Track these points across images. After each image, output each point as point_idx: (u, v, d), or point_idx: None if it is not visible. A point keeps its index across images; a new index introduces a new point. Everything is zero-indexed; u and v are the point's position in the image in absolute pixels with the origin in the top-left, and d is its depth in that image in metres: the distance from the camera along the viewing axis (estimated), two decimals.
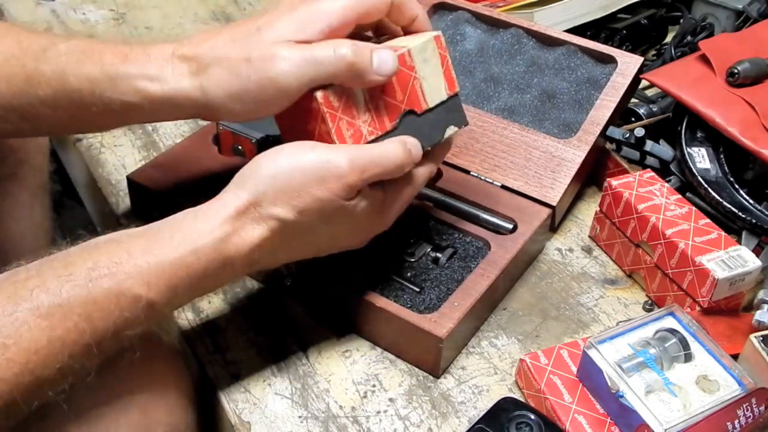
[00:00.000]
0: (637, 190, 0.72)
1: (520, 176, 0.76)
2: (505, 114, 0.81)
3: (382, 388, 0.63)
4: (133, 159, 0.85)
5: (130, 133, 0.89)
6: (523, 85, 0.83)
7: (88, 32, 1.05)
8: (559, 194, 0.75)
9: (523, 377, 0.62)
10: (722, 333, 0.65)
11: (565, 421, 0.57)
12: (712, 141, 0.78)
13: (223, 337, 0.66)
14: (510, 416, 0.57)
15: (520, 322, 0.69)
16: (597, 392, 0.59)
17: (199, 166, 0.77)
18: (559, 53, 0.84)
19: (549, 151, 0.77)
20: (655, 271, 0.70)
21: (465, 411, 0.61)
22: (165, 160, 0.78)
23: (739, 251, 0.66)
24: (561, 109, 0.81)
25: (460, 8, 0.89)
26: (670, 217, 0.69)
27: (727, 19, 1.03)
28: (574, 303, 0.71)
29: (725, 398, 0.56)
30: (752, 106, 0.76)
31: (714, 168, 0.76)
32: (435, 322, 0.61)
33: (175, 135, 0.88)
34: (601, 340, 0.59)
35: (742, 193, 0.74)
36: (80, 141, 0.88)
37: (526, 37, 0.86)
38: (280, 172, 0.54)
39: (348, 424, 0.60)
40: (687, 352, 0.59)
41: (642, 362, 0.57)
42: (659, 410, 0.55)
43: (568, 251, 0.77)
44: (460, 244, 0.71)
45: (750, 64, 0.78)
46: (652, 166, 0.80)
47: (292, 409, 0.61)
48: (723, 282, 0.64)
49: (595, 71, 0.82)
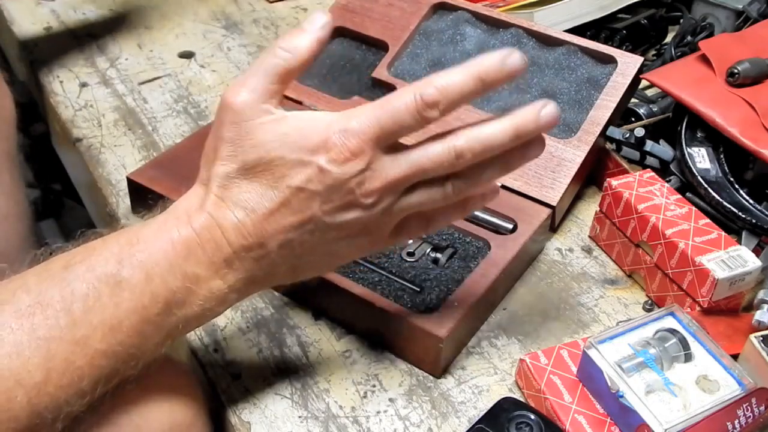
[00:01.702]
0: (637, 190, 0.72)
1: (520, 176, 0.76)
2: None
3: (382, 388, 0.63)
4: (133, 159, 0.85)
5: (130, 133, 0.89)
6: (523, 85, 0.83)
7: (88, 32, 1.05)
8: (559, 194, 0.75)
9: (523, 377, 0.62)
10: (722, 333, 0.65)
11: (565, 421, 0.57)
12: (712, 141, 0.78)
13: (223, 337, 0.66)
14: (510, 416, 0.57)
15: (520, 322, 0.69)
16: (597, 392, 0.59)
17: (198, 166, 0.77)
18: (559, 53, 0.84)
19: (549, 151, 0.77)
20: (655, 271, 0.70)
21: (465, 411, 0.61)
22: (165, 160, 0.78)
23: (739, 251, 0.66)
24: (561, 109, 0.81)
25: (460, 8, 0.89)
26: (670, 217, 0.69)
27: (727, 19, 1.03)
28: (574, 303, 0.71)
29: (725, 398, 0.56)
30: (752, 106, 0.76)
31: (714, 168, 0.76)
32: (435, 322, 0.61)
33: (175, 135, 0.88)
34: (601, 340, 0.59)
35: (742, 193, 0.74)
36: (80, 141, 0.88)
37: (526, 37, 0.86)
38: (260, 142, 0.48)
39: (348, 424, 0.60)
40: (687, 352, 0.59)
41: (642, 362, 0.58)
42: (659, 410, 0.55)
43: (568, 251, 0.77)
44: (460, 244, 0.71)
45: (750, 64, 0.78)
46: (652, 166, 0.80)
47: (292, 409, 0.61)
48: (723, 282, 0.64)
49: (595, 71, 0.82)
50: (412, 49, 0.88)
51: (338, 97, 0.86)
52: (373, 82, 0.87)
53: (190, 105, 0.93)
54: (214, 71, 0.99)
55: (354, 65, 0.90)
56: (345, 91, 0.88)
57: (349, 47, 0.91)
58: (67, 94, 0.95)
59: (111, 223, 0.80)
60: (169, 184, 0.74)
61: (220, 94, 0.93)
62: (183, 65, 1.00)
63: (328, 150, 0.47)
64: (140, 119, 0.91)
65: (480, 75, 0.47)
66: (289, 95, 0.87)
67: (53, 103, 0.94)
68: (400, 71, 0.86)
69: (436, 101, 0.47)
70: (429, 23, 0.89)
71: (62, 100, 0.94)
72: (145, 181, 0.75)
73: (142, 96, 0.94)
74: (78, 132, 0.89)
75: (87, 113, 0.92)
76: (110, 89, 0.96)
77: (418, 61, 0.87)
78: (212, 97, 0.95)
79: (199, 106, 0.93)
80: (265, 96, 0.49)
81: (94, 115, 0.91)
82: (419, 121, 0.47)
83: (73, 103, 0.93)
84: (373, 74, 0.86)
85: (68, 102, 0.93)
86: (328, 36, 0.51)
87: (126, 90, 0.95)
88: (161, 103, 0.93)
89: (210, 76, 0.99)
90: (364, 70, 0.89)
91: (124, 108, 0.92)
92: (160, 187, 0.74)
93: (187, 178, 0.75)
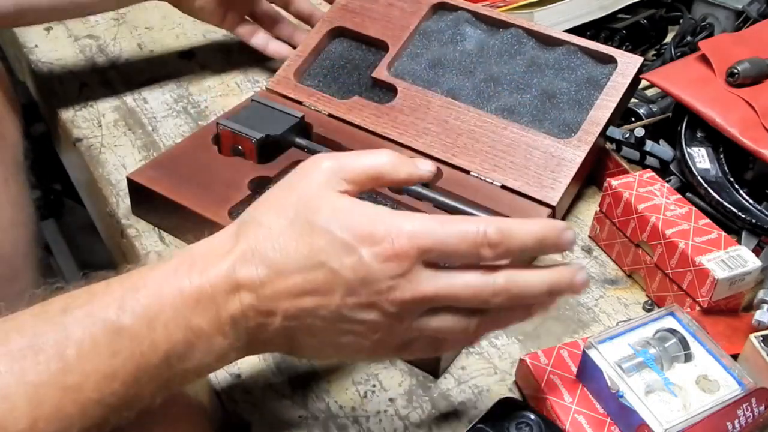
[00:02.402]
0: (637, 190, 0.72)
1: (520, 176, 0.76)
2: (505, 114, 0.81)
3: (382, 388, 0.63)
4: (133, 159, 0.85)
5: (130, 133, 0.89)
6: (523, 85, 0.83)
7: (88, 32, 1.05)
8: (559, 194, 0.75)
9: (523, 377, 0.62)
10: (722, 333, 0.65)
11: (565, 421, 0.57)
12: (712, 141, 0.78)
13: None
14: (510, 416, 0.57)
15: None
16: (597, 392, 0.59)
17: (198, 166, 0.77)
18: (559, 53, 0.84)
19: (549, 151, 0.77)
20: (655, 271, 0.70)
21: (465, 411, 0.61)
22: (165, 160, 0.78)
23: (739, 251, 0.66)
24: (561, 109, 0.81)
25: (460, 8, 0.89)
26: (670, 217, 0.69)
27: (727, 19, 1.03)
28: (574, 303, 0.71)
29: (725, 398, 0.56)
30: (752, 106, 0.76)
31: (714, 168, 0.76)
32: None
33: (175, 135, 0.88)
34: (601, 340, 0.59)
35: (742, 193, 0.74)
36: (80, 141, 0.88)
37: (526, 37, 0.86)
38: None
39: (348, 424, 0.60)
40: (687, 352, 0.59)
41: (642, 362, 0.58)
42: (659, 410, 0.55)
43: (568, 251, 0.77)
44: None
45: (750, 64, 0.78)
46: (652, 166, 0.80)
47: (292, 409, 0.61)
48: (723, 282, 0.64)
49: (595, 71, 0.82)
50: (412, 49, 0.88)
51: (338, 97, 0.86)
52: (373, 82, 0.87)
53: (190, 105, 0.93)
54: (214, 71, 0.99)
55: (354, 65, 0.90)
56: (345, 91, 0.88)
57: (349, 47, 0.91)
58: (67, 94, 0.95)
59: (111, 223, 0.80)
60: (169, 184, 0.74)
61: (220, 94, 0.94)
62: (183, 65, 1.00)
63: (375, 243, 0.46)
64: (140, 119, 0.91)
65: (540, 237, 0.48)
66: (289, 95, 0.87)
67: (53, 103, 0.94)
68: (400, 71, 0.86)
69: (496, 243, 0.47)
70: (429, 23, 0.89)
71: (62, 100, 0.94)
72: (145, 181, 0.75)
73: (142, 96, 0.94)
74: (78, 132, 0.89)
75: (87, 113, 0.92)
76: (110, 89, 0.95)
77: (418, 61, 0.87)
78: (212, 97, 0.95)
79: (199, 106, 0.93)
80: (349, 182, 0.49)
81: (94, 115, 0.91)
82: (471, 253, 0.47)
83: (73, 103, 0.93)
84: (373, 74, 0.86)
85: (68, 102, 0.93)
86: (429, 179, 0.51)
87: (126, 90, 0.95)
88: (161, 103, 0.93)
89: (210, 76, 0.98)
90: (364, 70, 0.89)
91: (124, 108, 0.92)
92: (160, 187, 0.74)
93: (187, 178, 0.76)
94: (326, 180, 0.48)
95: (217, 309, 0.47)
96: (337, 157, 0.50)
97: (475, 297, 0.48)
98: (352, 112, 0.84)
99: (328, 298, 0.47)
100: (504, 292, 0.48)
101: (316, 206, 0.47)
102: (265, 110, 0.83)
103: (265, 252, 0.47)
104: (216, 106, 0.93)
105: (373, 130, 0.83)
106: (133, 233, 0.76)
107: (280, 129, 0.80)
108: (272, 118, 0.81)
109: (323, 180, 0.48)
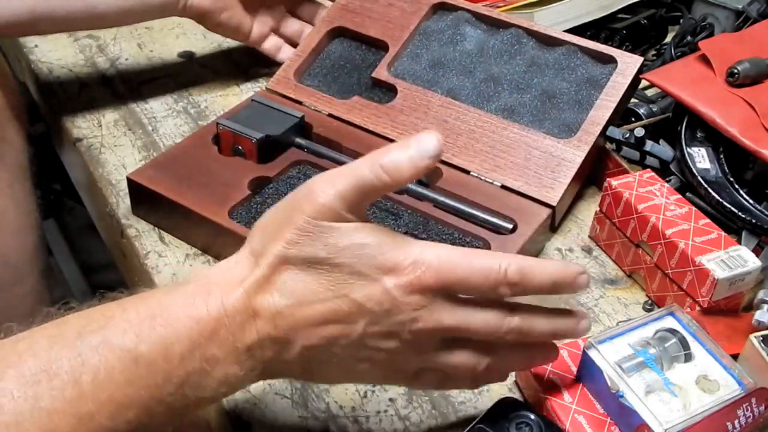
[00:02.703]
0: (637, 190, 0.72)
1: (520, 176, 0.76)
2: (505, 114, 0.81)
3: (382, 388, 0.63)
4: (133, 159, 0.85)
5: (130, 133, 0.89)
6: (523, 85, 0.83)
7: (89, 32, 1.05)
8: (559, 194, 0.75)
9: (523, 377, 0.62)
10: (722, 333, 0.65)
11: (565, 421, 0.57)
12: (712, 141, 0.78)
13: None
14: (510, 416, 0.57)
15: None
16: (597, 392, 0.59)
17: (198, 166, 0.77)
18: (559, 53, 0.84)
19: (549, 151, 0.77)
20: (655, 271, 0.70)
21: (465, 411, 0.61)
22: (165, 160, 0.78)
23: (739, 251, 0.66)
24: (561, 109, 0.81)
25: (460, 8, 0.89)
26: (670, 217, 0.69)
27: (727, 19, 1.03)
28: (574, 303, 0.71)
29: (725, 398, 0.56)
30: (752, 106, 0.76)
31: (714, 168, 0.76)
32: None
33: (175, 135, 0.88)
34: (601, 340, 0.59)
35: (742, 193, 0.74)
36: (80, 141, 0.88)
37: (526, 37, 0.86)
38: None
39: (348, 424, 0.60)
40: (687, 352, 0.59)
41: (642, 362, 0.57)
42: (659, 410, 0.55)
43: (568, 251, 0.77)
44: (460, 244, 0.71)
45: (750, 64, 0.78)
46: (652, 166, 0.80)
47: (292, 409, 0.61)
48: (723, 282, 0.64)
49: (595, 71, 0.82)
50: (412, 49, 0.88)
51: (338, 97, 0.86)
52: (373, 82, 0.87)
53: (190, 105, 0.93)
54: (214, 71, 0.99)
55: (354, 65, 0.90)
56: (345, 91, 0.88)
57: (349, 47, 0.91)
58: (67, 94, 0.95)
59: (111, 223, 0.80)
60: (169, 184, 0.74)
61: (220, 95, 0.94)
62: (183, 65, 1.00)
63: (399, 275, 0.46)
64: (140, 119, 0.91)
65: (556, 279, 0.50)
66: (289, 95, 0.87)
67: (53, 103, 0.94)
68: (400, 71, 0.86)
69: (515, 283, 0.48)
70: (429, 23, 0.89)
71: (62, 100, 0.94)
72: (145, 181, 0.75)
73: (142, 96, 0.94)
74: (78, 132, 0.89)
75: (87, 113, 0.92)
76: (110, 89, 0.96)
77: (418, 61, 0.87)
78: (212, 97, 0.95)
79: (199, 106, 0.93)
80: (349, 207, 0.47)
81: (94, 115, 0.91)
82: (490, 289, 0.48)
83: (73, 103, 0.93)
84: (373, 74, 0.86)
85: (68, 102, 0.93)
86: (435, 164, 0.48)
87: (126, 90, 0.95)
88: (161, 103, 0.93)
89: (210, 76, 0.99)
90: (364, 70, 0.89)
91: (124, 108, 0.92)
92: (160, 187, 0.74)
93: (187, 178, 0.76)
94: (330, 214, 0.47)
95: (234, 339, 0.47)
96: (329, 190, 0.47)
97: (488, 331, 0.50)
98: (352, 112, 0.84)
99: (350, 327, 0.47)
100: (517, 330, 0.50)
101: (331, 243, 0.47)
102: (265, 110, 0.83)
103: (285, 282, 0.47)
104: (216, 106, 0.93)
105: (373, 130, 0.83)
106: (133, 233, 0.76)
107: (280, 129, 0.80)
108: (272, 118, 0.81)
109: (327, 215, 0.47)
